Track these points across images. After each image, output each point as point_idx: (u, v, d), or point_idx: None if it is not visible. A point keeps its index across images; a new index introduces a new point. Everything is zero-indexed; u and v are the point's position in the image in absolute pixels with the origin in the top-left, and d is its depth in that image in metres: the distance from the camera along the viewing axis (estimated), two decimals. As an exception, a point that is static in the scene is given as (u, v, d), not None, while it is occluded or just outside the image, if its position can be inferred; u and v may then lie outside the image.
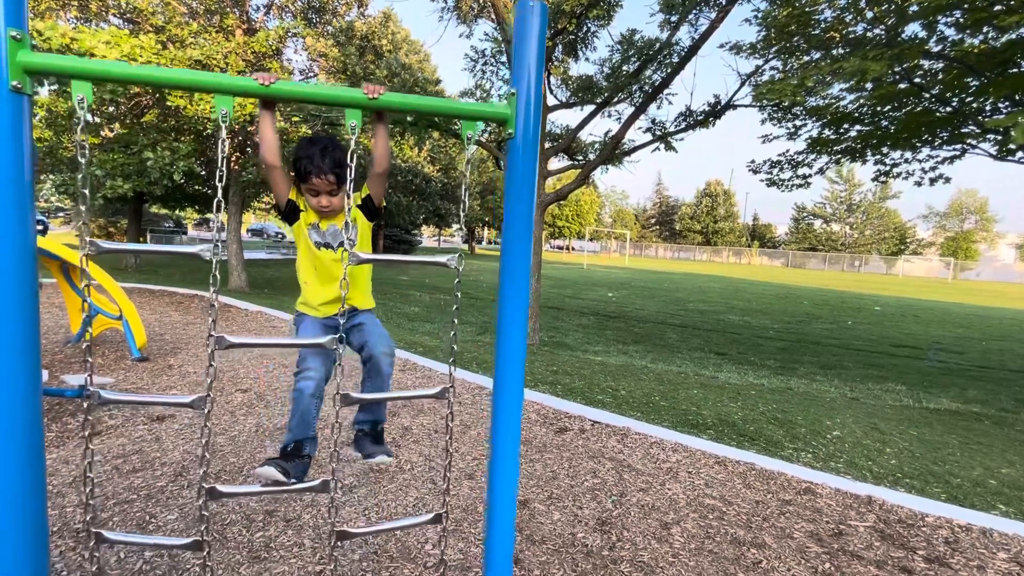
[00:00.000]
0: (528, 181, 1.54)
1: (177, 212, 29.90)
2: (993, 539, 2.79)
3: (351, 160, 1.43)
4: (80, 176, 1.27)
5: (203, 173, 14.94)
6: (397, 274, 19.90)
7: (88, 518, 1.36)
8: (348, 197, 1.44)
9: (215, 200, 1.38)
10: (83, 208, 1.31)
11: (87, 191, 1.29)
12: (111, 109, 10.28)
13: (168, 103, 9.04)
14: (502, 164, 12.26)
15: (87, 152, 1.27)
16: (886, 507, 3.07)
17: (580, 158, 9.41)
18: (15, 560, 1.30)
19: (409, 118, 7.55)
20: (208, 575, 1.40)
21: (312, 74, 13.46)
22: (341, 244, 1.83)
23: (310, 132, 10.87)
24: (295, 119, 9.68)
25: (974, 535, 2.82)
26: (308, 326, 1.94)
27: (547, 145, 7.80)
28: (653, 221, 69.08)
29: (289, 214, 1.86)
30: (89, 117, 1.27)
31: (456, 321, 1.58)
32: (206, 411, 1.39)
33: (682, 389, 5.49)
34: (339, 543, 2.37)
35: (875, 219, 57.49)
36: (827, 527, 2.83)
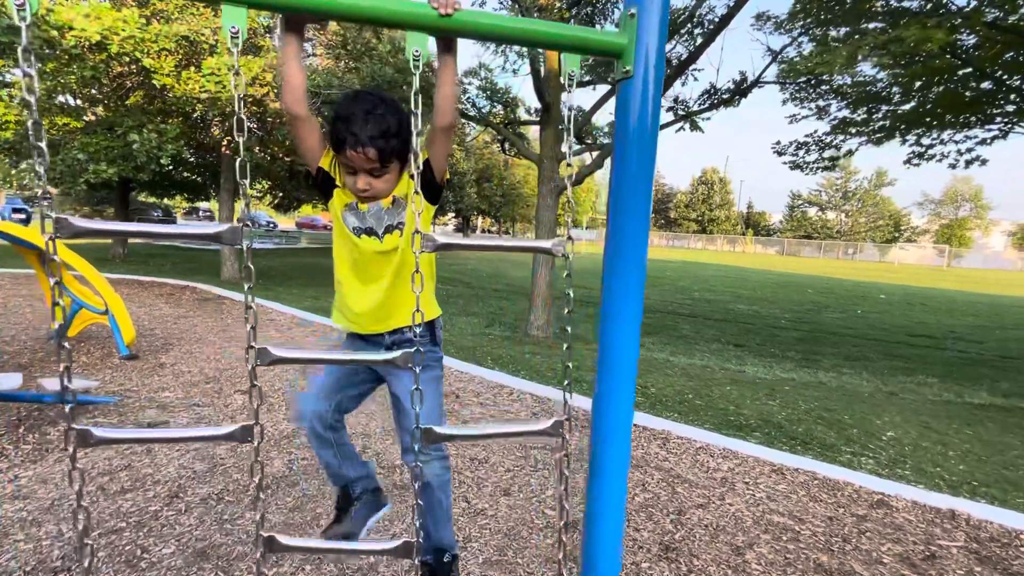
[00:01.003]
0: (649, 143, 1.14)
1: (165, 200, 29.13)
2: (1104, 561, 2.47)
3: (417, 111, 1.01)
4: (31, 122, 0.86)
5: (192, 159, 14.38)
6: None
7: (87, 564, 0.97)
8: (415, 163, 1.02)
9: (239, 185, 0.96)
10: (41, 170, 0.90)
11: (43, 144, 0.88)
12: (92, 91, 9.70)
13: (154, 82, 8.49)
14: (507, 147, 11.80)
15: (36, 86, 0.86)
16: (973, 523, 2.75)
17: (590, 141, 8.98)
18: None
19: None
20: None
21: (306, 54, 12.88)
22: (390, 228, 1.35)
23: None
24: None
25: (1081, 556, 2.50)
26: (351, 345, 1.50)
27: (559, 127, 7.38)
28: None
29: (323, 185, 1.39)
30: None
31: (569, 330, 1.17)
32: (256, 445, 1.00)
33: (714, 386, 5.15)
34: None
35: (870, 207, 57.49)
36: (915, 548, 2.50)
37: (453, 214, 39.95)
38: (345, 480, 1.51)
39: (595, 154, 7.68)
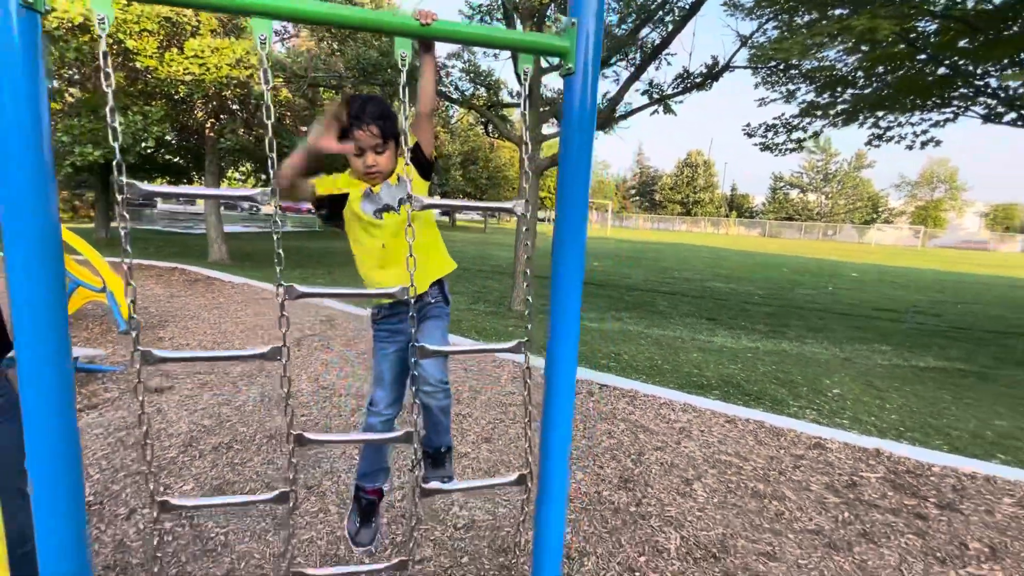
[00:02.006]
0: (588, 127, 1.44)
1: (148, 184, 28.70)
2: (997, 485, 2.89)
3: (404, 96, 1.30)
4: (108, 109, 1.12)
5: (174, 141, 14.31)
6: (345, 245, 19.52)
7: (151, 487, 1.28)
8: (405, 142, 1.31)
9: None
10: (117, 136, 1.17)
11: (117, 126, 1.15)
12: (72, 72, 9.66)
13: (137, 64, 8.51)
14: (490, 130, 11.99)
15: (111, 78, 1.13)
16: (894, 459, 3.16)
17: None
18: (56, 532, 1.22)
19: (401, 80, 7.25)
20: (290, 531, 1.34)
21: (287, 35, 12.85)
22: (402, 201, 1.60)
23: (290, 94, 10.42)
24: (277, 81, 9.22)
25: (979, 482, 2.92)
26: (386, 330, 1.75)
27: (541, 109, 7.61)
28: (634, 192, 69.13)
29: (330, 206, 1.64)
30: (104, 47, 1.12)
31: (527, 281, 1.48)
32: (284, 361, 1.29)
33: (682, 353, 5.54)
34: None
35: (849, 188, 58.48)
36: (841, 479, 2.90)
37: (439, 196, 39.94)
38: (380, 475, 1.84)
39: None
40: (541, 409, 1.51)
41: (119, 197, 1.20)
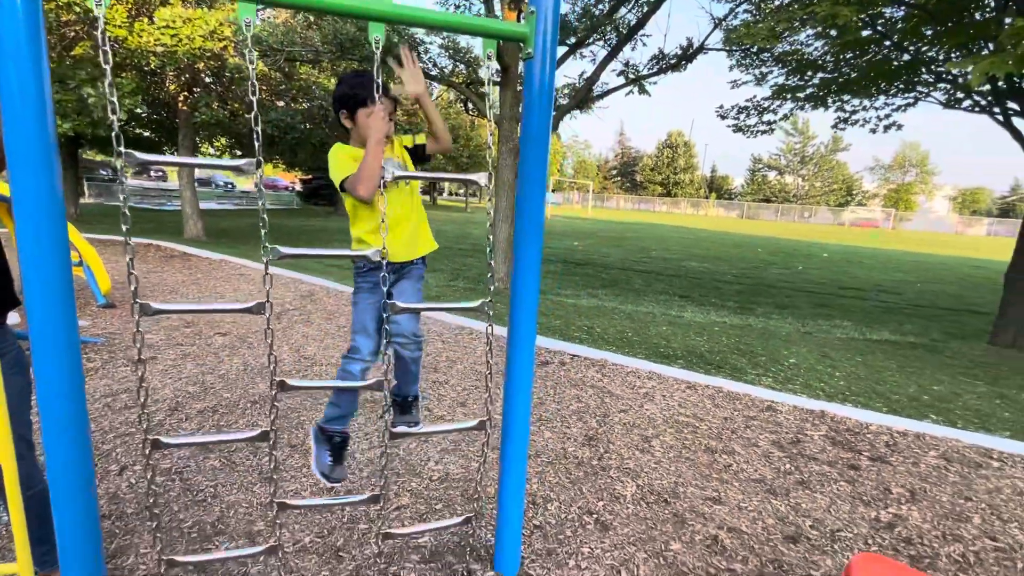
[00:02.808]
0: (546, 105, 1.59)
1: (115, 160, 27.79)
2: (925, 441, 3.19)
3: (378, 76, 1.44)
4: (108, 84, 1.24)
5: (145, 115, 13.93)
6: (327, 221, 19.42)
7: (144, 427, 1.42)
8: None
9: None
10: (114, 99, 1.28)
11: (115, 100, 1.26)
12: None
13: (107, 35, 8.26)
14: (470, 107, 11.94)
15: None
16: (836, 419, 3.44)
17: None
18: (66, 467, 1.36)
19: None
20: (272, 464, 1.50)
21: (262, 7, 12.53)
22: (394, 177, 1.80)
23: (266, 68, 10.23)
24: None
25: (910, 439, 3.21)
26: (373, 281, 1.88)
27: (518, 88, 7.65)
28: (615, 172, 69.26)
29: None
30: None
31: (490, 246, 1.65)
32: (267, 316, 1.44)
33: (652, 326, 5.78)
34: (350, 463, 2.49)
35: (825, 171, 59.52)
36: (787, 436, 3.16)
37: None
38: (351, 412, 1.99)
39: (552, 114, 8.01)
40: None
41: (118, 165, 1.32)
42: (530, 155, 1.63)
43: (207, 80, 10.68)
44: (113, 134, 1.30)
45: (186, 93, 10.44)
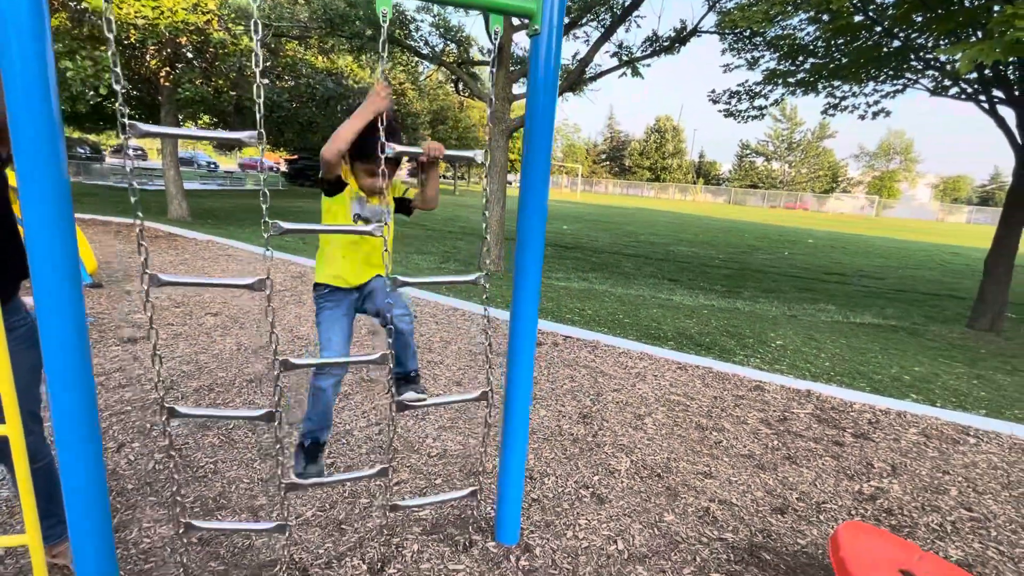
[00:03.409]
0: (552, 81, 1.60)
1: (92, 136, 27.07)
2: (906, 419, 3.31)
3: (383, 51, 1.43)
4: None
5: (124, 91, 13.50)
6: (314, 203, 19.20)
7: (161, 395, 1.43)
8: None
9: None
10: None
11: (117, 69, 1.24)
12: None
13: (83, 4, 7.99)
14: (460, 88, 11.80)
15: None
16: (822, 398, 3.54)
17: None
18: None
19: (369, 31, 7.08)
20: (278, 445, 1.52)
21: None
22: (379, 222, 1.86)
23: (252, 45, 9.98)
24: (237, 28, 8.83)
25: (892, 416, 3.33)
26: (335, 300, 1.97)
27: (511, 69, 7.58)
28: (604, 157, 69.05)
29: (334, 186, 1.87)
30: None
31: (486, 221, 1.67)
32: (267, 293, 1.45)
33: (642, 309, 5.85)
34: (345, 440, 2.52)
35: (812, 157, 59.95)
36: (774, 415, 3.25)
37: (408, 158, 38.94)
38: (324, 426, 2.00)
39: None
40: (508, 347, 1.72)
41: (122, 136, 1.31)
42: (536, 131, 1.64)
43: (189, 56, 10.39)
44: (117, 104, 1.28)
45: (168, 68, 10.15)
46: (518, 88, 8.26)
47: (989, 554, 2.08)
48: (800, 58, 7.51)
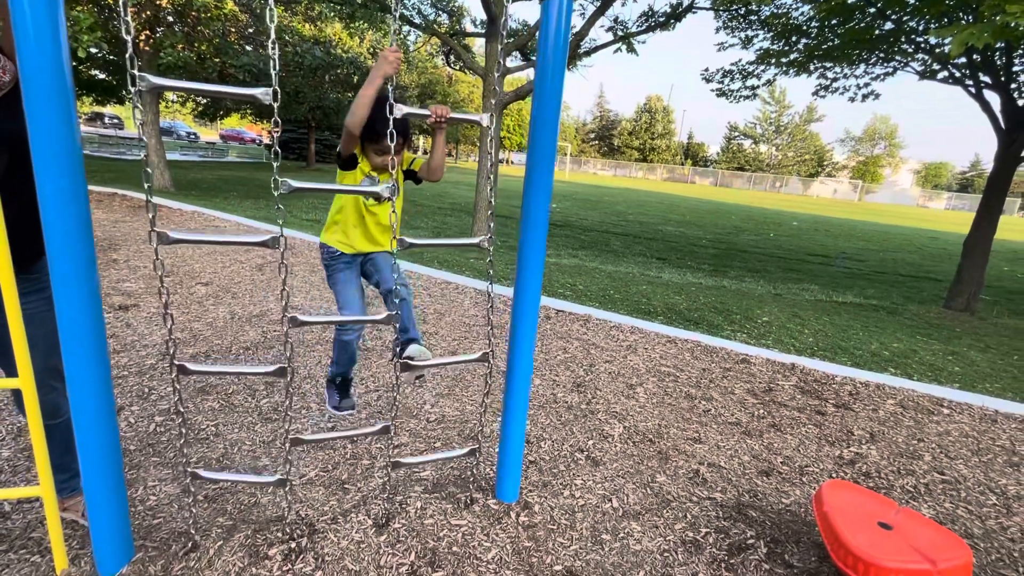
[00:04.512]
0: (561, 51, 1.60)
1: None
2: (884, 391, 3.44)
3: (395, 12, 1.42)
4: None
5: (101, 55, 13.03)
6: (300, 176, 18.91)
7: (171, 352, 1.45)
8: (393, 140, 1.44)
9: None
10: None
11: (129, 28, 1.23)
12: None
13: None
14: (453, 60, 11.61)
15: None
16: (805, 371, 3.66)
17: (534, 57, 9.11)
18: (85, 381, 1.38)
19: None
20: (288, 400, 1.55)
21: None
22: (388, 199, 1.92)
23: (236, 9, 9.67)
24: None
25: (871, 389, 3.46)
26: (345, 262, 2.12)
27: (504, 41, 7.46)
28: (593, 136, 68.61)
29: (348, 162, 1.99)
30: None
31: (493, 198, 1.69)
32: (281, 250, 1.46)
33: (632, 285, 5.93)
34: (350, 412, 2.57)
35: (799, 141, 60.28)
36: (760, 386, 3.36)
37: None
38: (352, 366, 2.22)
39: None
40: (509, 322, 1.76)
41: (133, 89, 1.30)
42: (545, 104, 1.65)
43: (170, 19, 10.04)
44: (127, 55, 1.27)
45: (148, 32, 9.81)
46: (511, 62, 8.15)
47: (959, 512, 2.21)
48: (793, 38, 7.52)
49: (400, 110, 1.57)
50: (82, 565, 1.55)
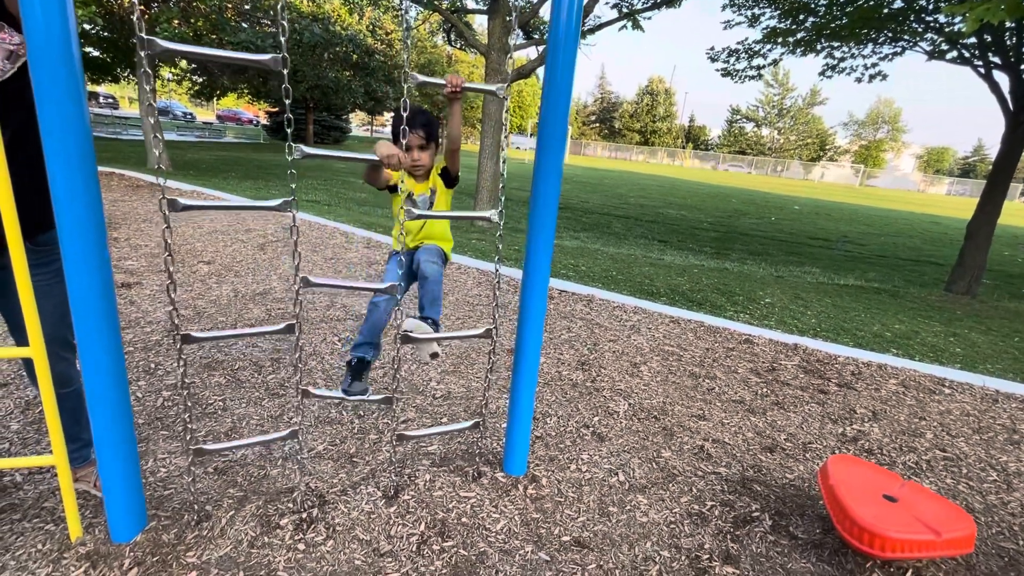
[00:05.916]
0: (575, 22, 1.57)
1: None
2: (887, 371, 3.46)
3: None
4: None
5: (94, 31, 12.81)
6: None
7: (175, 321, 1.44)
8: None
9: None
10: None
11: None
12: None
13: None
14: (454, 38, 11.42)
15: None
16: (808, 351, 3.68)
17: (536, 35, 8.96)
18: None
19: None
20: (298, 352, 1.55)
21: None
22: (425, 207, 2.11)
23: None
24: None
25: (873, 368, 3.48)
26: (394, 259, 2.16)
27: (507, 18, 7.33)
28: (594, 118, 67.88)
29: (391, 189, 2.11)
30: None
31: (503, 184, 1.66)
32: (292, 213, 1.45)
33: (635, 267, 5.92)
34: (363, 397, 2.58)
35: (801, 124, 59.70)
36: (763, 365, 3.38)
37: (392, 113, 37.82)
38: (372, 341, 2.19)
39: (541, 49, 7.77)
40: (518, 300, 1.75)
41: (141, 55, 1.27)
42: (557, 81, 1.62)
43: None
44: (135, 17, 1.24)
45: (143, 7, 9.61)
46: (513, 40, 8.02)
47: (960, 488, 2.24)
48: (801, 16, 7.39)
49: (416, 79, 1.55)
50: (96, 533, 1.56)
